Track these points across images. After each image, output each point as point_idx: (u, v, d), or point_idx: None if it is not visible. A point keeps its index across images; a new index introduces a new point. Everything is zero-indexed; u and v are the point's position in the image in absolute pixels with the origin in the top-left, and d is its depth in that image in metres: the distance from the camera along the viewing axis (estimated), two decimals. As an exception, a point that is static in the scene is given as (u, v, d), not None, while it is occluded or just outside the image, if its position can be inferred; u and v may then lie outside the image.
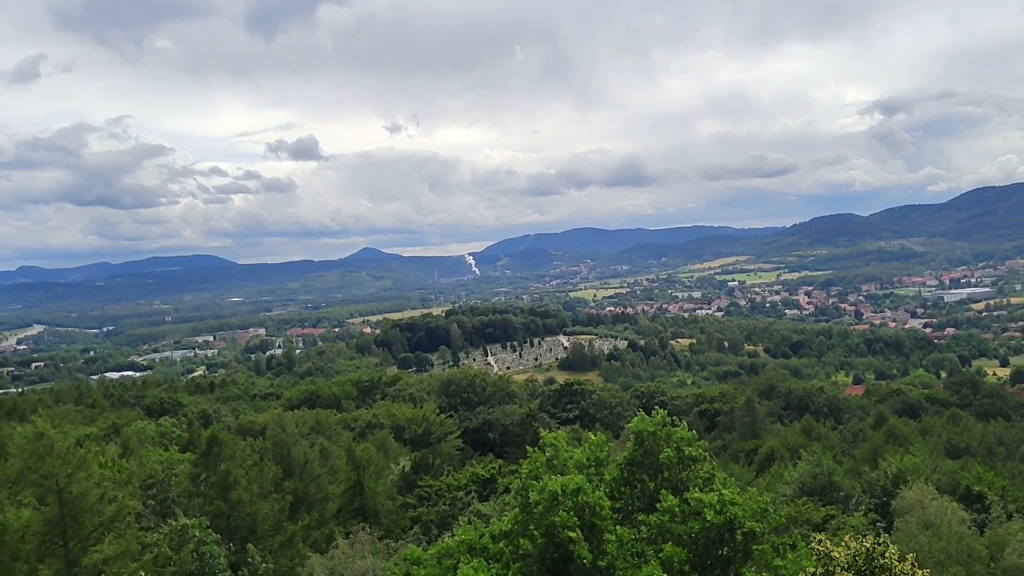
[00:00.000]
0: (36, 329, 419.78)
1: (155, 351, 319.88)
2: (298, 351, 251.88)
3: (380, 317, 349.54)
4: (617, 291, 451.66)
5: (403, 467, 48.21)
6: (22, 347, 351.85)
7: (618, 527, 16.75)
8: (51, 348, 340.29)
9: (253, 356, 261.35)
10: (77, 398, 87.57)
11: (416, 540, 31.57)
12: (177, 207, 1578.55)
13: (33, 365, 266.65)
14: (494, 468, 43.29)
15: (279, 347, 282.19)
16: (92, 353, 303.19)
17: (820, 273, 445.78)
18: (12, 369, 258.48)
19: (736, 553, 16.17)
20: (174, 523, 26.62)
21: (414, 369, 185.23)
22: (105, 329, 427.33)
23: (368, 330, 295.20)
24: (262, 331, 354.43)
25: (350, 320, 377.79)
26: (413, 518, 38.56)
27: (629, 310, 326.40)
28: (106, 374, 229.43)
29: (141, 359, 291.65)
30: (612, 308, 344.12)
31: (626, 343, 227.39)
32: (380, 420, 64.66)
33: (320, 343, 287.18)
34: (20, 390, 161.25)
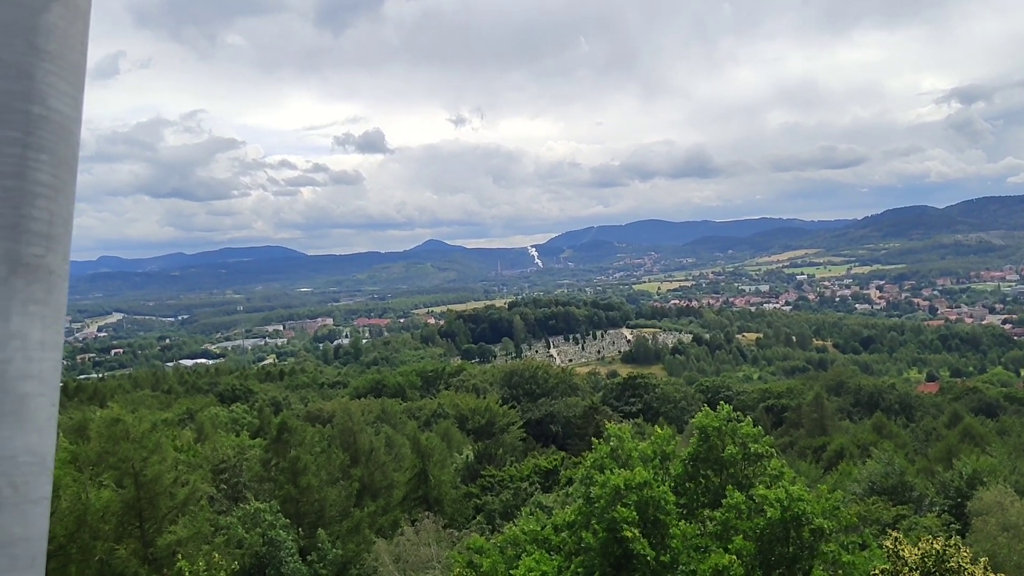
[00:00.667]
0: (115, 317, 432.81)
1: (227, 339, 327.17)
2: (364, 341, 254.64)
3: (444, 308, 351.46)
4: (682, 284, 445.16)
5: (466, 457, 48.61)
6: (102, 334, 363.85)
7: (682, 522, 16.62)
8: (129, 335, 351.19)
9: (321, 345, 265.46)
10: (154, 384, 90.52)
11: (479, 529, 31.81)
12: (248, 199, 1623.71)
13: (112, 352, 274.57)
14: (556, 460, 43.34)
15: (346, 337, 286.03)
16: (168, 341, 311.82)
17: (892, 267, 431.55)
18: (93, 355, 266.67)
19: (803, 550, 15.90)
20: (246, 507, 27.35)
21: (477, 360, 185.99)
22: (180, 318, 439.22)
23: (432, 321, 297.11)
24: (330, 321, 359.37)
25: (415, 311, 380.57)
26: (476, 507, 38.88)
27: (694, 303, 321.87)
28: (181, 361, 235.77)
29: (214, 347, 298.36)
30: (676, 301, 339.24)
31: (691, 337, 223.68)
32: (444, 410, 65.26)
33: (386, 333, 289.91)
34: (100, 376, 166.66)
